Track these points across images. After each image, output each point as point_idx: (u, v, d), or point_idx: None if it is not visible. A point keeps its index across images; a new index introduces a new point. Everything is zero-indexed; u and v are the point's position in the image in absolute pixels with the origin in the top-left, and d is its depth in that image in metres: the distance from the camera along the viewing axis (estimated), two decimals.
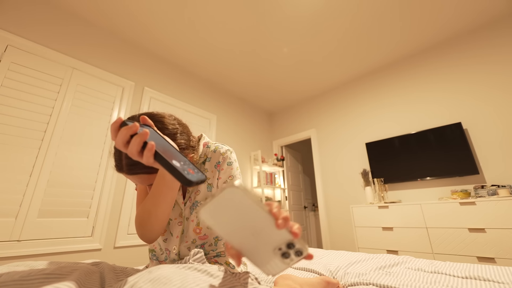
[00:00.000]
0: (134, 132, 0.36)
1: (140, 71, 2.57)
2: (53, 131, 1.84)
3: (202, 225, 0.70)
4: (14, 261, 1.55)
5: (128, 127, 0.36)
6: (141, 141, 0.36)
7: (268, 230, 0.30)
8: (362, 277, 0.72)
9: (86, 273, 0.41)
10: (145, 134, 0.36)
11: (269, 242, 0.30)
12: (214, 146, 0.75)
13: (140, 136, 0.36)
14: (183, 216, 0.70)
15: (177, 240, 0.69)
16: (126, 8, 2.16)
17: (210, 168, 0.73)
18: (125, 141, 0.37)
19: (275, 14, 2.26)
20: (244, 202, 0.29)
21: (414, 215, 2.10)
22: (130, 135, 0.37)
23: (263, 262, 0.31)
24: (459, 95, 2.42)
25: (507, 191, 1.81)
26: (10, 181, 1.61)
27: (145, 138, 0.36)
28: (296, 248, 0.30)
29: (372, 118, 3.03)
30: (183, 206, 0.70)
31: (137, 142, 0.36)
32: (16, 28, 1.84)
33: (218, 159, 0.72)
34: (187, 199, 0.71)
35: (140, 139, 0.36)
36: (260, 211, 0.29)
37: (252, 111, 4.00)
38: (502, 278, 0.63)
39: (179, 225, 0.70)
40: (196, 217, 0.70)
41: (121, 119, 0.37)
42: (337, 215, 3.07)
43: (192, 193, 0.71)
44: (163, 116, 0.61)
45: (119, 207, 2.09)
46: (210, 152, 0.74)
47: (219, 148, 0.74)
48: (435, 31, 2.50)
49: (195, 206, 0.70)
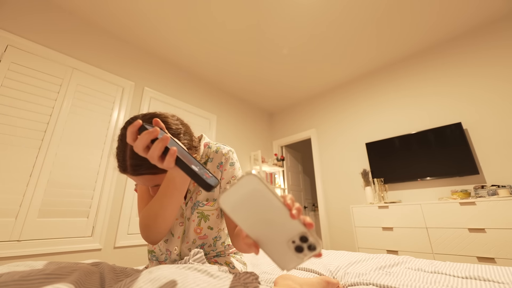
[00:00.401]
0: (155, 137, 0.37)
1: (140, 71, 2.57)
2: (53, 131, 1.84)
3: (203, 225, 0.70)
4: (14, 261, 1.55)
5: (149, 132, 0.36)
6: (162, 146, 0.36)
7: (282, 220, 0.30)
8: (362, 277, 0.72)
9: (86, 274, 0.41)
10: (166, 139, 0.36)
11: (283, 233, 0.31)
12: (216, 146, 0.75)
13: (161, 141, 0.36)
14: (184, 216, 0.70)
15: (178, 240, 0.69)
16: (126, 8, 2.16)
17: (212, 168, 0.73)
18: (145, 146, 0.37)
19: (276, 14, 2.25)
20: (261, 190, 0.29)
21: (414, 215, 2.10)
22: (151, 139, 0.37)
23: (278, 255, 0.32)
24: (459, 95, 2.42)
25: (507, 191, 1.80)
26: (10, 181, 1.61)
27: (166, 143, 0.36)
28: (309, 242, 0.30)
29: (372, 118, 3.03)
30: (185, 207, 0.70)
31: (159, 147, 0.36)
32: (16, 28, 1.84)
33: (221, 159, 0.72)
34: (188, 199, 0.71)
35: (162, 144, 0.36)
36: (275, 200, 0.30)
37: (252, 111, 4.00)
38: (502, 278, 0.63)
39: (180, 225, 0.69)
40: (197, 217, 0.70)
41: (140, 122, 0.37)
42: (337, 215, 3.07)
43: (193, 193, 0.71)
44: (167, 117, 0.61)
45: (119, 207, 2.09)
46: (212, 152, 0.74)
47: (221, 149, 0.74)
48: (436, 31, 2.50)
49: (196, 206, 0.70)
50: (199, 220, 0.70)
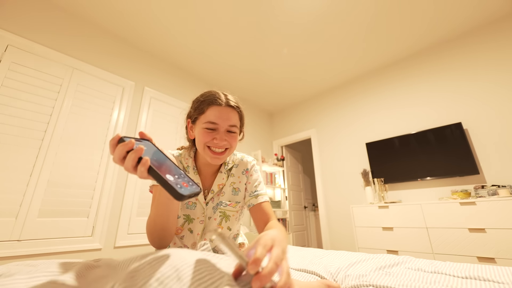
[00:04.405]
0: (130, 148, 0.38)
1: (140, 71, 2.57)
2: (53, 131, 1.84)
3: (223, 224, 0.79)
4: (14, 261, 1.55)
5: (124, 144, 0.38)
6: (136, 157, 0.37)
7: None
8: (363, 278, 0.72)
9: (86, 267, 0.42)
10: (140, 150, 0.37)
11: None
12: (241, 155, 0.88)
13: (135, 152, 0.37)
14: (205, 215, 0.78)
15: (198, 237, 0.76)
16: (126, 8, 2.16)
17: (237, 174, 0.84)
18: (122, 157, 0.38)
19: (276, 14, 2.25)
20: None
21: (414, 215, 2.10)
22: (126, 151, 0.38)
23: None
24: (460, 95, 2.42)
25: (507, 191, 1.80)
26: (11, 181, 1.61)
27: (140, 153, 0.37)
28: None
29: (372, 118, 3.03)
30: (205, 206, 0.78)
31: (132, 157, 0.37)
32: (17, 28, 1.84)
33: (246, 166, 0.85)
34: (209, 200, 0.79)
35: (135, 155, 0.37)
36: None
37: (252, 111, 4.00)
38: (502, 278, 0.63)
39: (200, 223, 0.77)
40: (219, 216, 0.79)
41: (119, 135, 0.39)
42: (337, 215, 3.07)
43: (215, 194, 0.80)
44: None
45: (119, 207, 2.09)
46: (238, 159, 0.86)
47: (246, 158, 0.87)
48: (436, 31, 2.50)
49: (219, 206, 0.79)
50: (221, 219, 0.79)
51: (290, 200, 3.85)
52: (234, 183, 0.83)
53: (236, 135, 0.75)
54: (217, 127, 0.72)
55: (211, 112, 0.73)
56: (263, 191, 0.82)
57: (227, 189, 0.81)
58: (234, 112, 0.75)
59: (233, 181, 0.83)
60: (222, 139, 0.71)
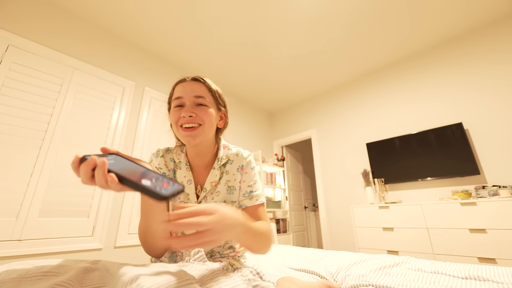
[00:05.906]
0: (94, 165, 0.36)
1: (140, 71, 2.57)
2: (54, 131, 1.85)
3: None
4: (14, 261, 1.55)
5: (86, 162, 0.36)
6: (104, 173, 0.36)
7: None
8: (363, 278, 0.72)
9: (84, 272, 0.41)
10: (102, 165, 0.36)
11: None
12: (236, 149, 0.79)
13: (100, 168, 0.36)
14: None
15: None
16: (127, 9, 2.16)
17: (232, 170, 0.76)
18: (89, 176, 0.37)
19: (276, 14, 2.25)
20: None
21: (414, 215, 2.10)
22: (91, 169, 0.36)
23: None
24: (460, 95, 2.41)
25: (508, 192, 1.80)
26: (11, 181, 1.61)
27: (104, 169, 0.36)
28: None
29: (372, 118, 3.03)
30: None
31: (100, 174, 0.36)
32: (17, 28, 1.84)
33: (241, 162, 0.76)
34: (202, 199, 0.73)
35: (102, 171, 0.36)
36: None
37: (253, 111, 4.00)
38: (503, 279, 0.62)
39: None
40: None
41: (78, 156, 0.37)
42: (337, 215, 3.06)
43: (208, 193, 0.73)
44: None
45: (120, 206, 2.09)
46: (232, 155, 0.77)
47: (242, 152, 0.78)
48: (436, 32, 2.49)
49: None
50: None
51: (290, 200, 3.85)
52: (229, 181, 0.75)
53: (206, 108, 0.69)
54: (183, 102, 0.69)
55: (177, 90, 0.72)
56: (259, 191, 0.74)
57: (222, 188, 0.74)
58: (200, 84, 0.72)
59: (228, 179, 0.75)
60: (188, 111, 0.66)
